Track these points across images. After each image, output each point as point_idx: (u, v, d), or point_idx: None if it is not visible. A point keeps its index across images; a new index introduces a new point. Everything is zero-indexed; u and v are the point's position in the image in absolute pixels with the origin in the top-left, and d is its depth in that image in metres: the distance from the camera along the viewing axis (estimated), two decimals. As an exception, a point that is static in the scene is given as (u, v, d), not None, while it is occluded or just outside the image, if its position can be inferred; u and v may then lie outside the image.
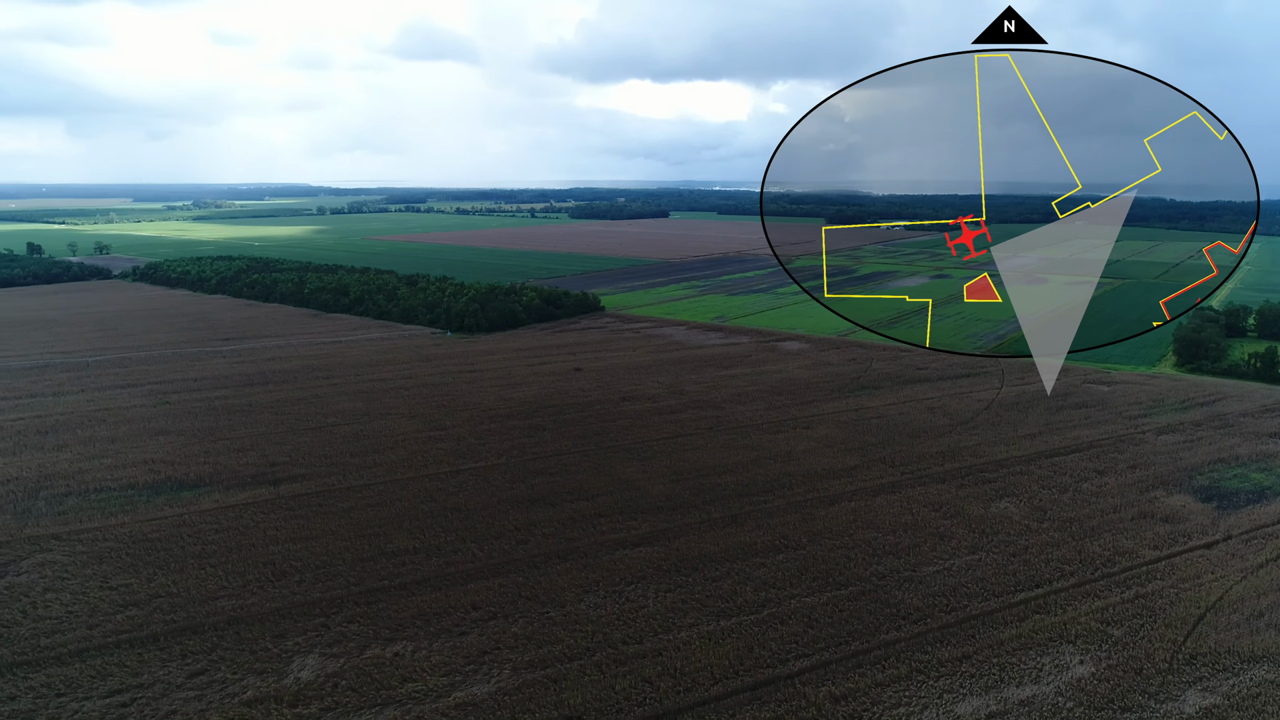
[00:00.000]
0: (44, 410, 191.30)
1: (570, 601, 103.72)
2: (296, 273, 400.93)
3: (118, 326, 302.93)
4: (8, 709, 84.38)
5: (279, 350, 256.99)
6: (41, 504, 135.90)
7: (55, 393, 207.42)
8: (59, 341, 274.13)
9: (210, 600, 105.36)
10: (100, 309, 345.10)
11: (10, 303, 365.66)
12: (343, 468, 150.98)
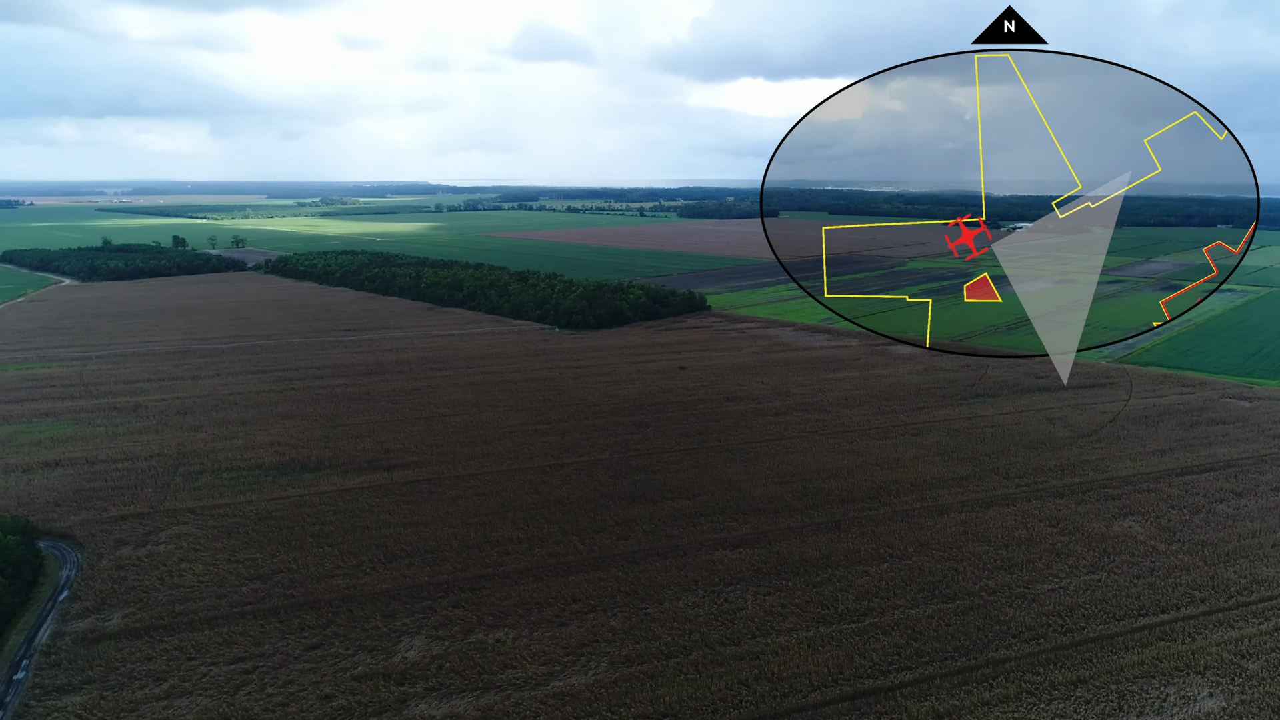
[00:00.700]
0: (184, 392, 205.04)
1: (669, 599, 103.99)
2: (414, 268, 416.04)
3: (250, 316, 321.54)
4: (145, 669, 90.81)
5: (396, 342, 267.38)
6: (179, 480, 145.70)
7: (194, 376, 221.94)
8: (198, 328, 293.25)
9: (327, 578, 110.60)
10: (235, 299, 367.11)
11: (157, 291, 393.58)
12: (452, 457, 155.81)
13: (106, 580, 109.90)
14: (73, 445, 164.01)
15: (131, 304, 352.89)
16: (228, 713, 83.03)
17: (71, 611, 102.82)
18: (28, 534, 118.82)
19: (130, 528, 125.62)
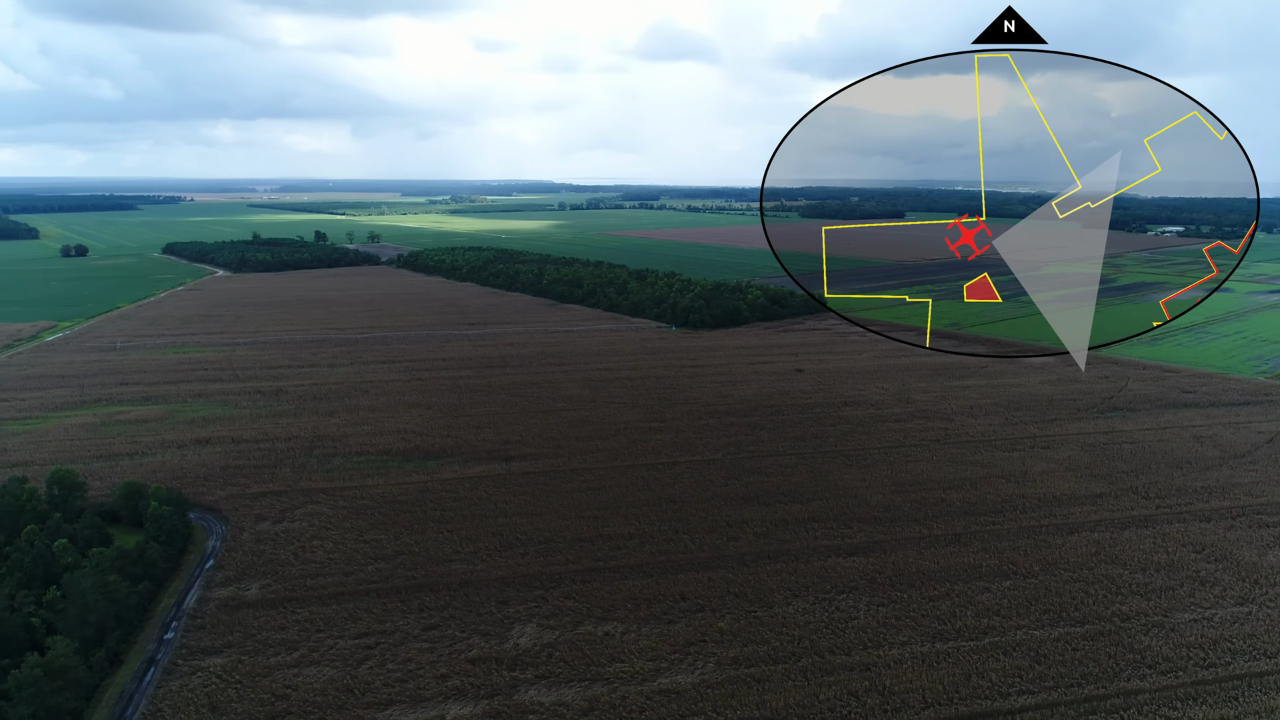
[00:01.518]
0: (320, 379, 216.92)
1: (778, 604, 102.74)
2: (536, 264, 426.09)
3: (382, 308, 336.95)
4: (278, 637, 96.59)
5: (517, 336, 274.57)
6: (314, 461, 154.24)
7: (330, 364, 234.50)
8: (335, 319, 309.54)
9: (445, 562, 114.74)
10: (369, 292, 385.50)
11: (299, 283, 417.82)
12: (568, 451, 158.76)
13: (247, 552, 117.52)
14: (221, 425, 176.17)
15: (276, 294, 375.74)
16: (351, 684, 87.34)
17: (215, 579, 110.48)
18: (180, 505, 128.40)
19: (269, 504, 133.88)
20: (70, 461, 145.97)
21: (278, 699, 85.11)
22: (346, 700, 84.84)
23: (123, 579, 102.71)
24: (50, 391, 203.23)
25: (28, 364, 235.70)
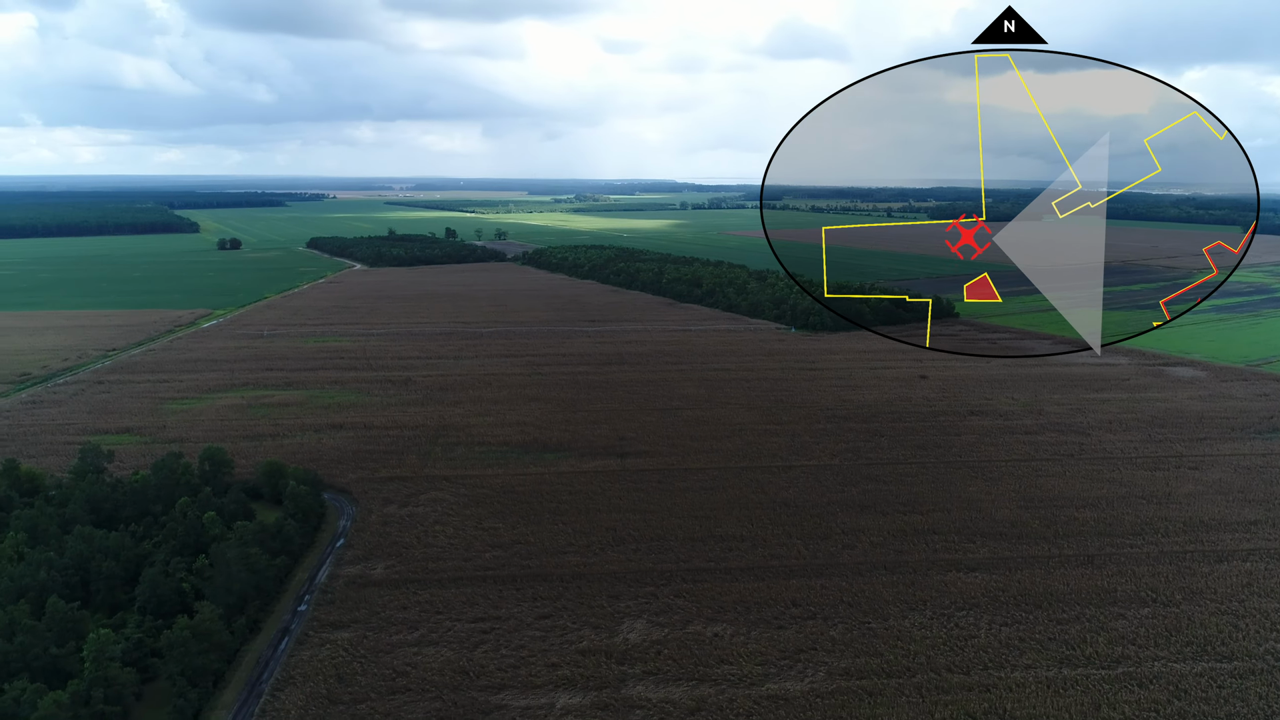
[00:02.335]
0: (447, 370, 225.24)
1: (893, 616, 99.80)
2: (656, 263, 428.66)
3: (507, 303, 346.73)
4: (400, 616, 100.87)
5: (636, 334, 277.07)
6: (438, 449, 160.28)
7: (456, 356, 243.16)
8: (462, 313, 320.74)
9: (559, 554, 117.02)
10: (494, 287, 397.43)
11: (430, 277, 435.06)
12: (683, 450, 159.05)
13: (374, 533, 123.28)
14: (354, 411, 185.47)
15: (408, 288, 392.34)
16: (467, 666, 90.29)
17: (345, 557, 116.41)
18: (315, 485, 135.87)
19: (396, 489, 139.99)
20: (220, 440, 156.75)
21: (398, 675, 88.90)
22: (462, 681, 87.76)
23: (263, 552, 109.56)
24: (205, 375, 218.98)
25: (186, 348, 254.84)
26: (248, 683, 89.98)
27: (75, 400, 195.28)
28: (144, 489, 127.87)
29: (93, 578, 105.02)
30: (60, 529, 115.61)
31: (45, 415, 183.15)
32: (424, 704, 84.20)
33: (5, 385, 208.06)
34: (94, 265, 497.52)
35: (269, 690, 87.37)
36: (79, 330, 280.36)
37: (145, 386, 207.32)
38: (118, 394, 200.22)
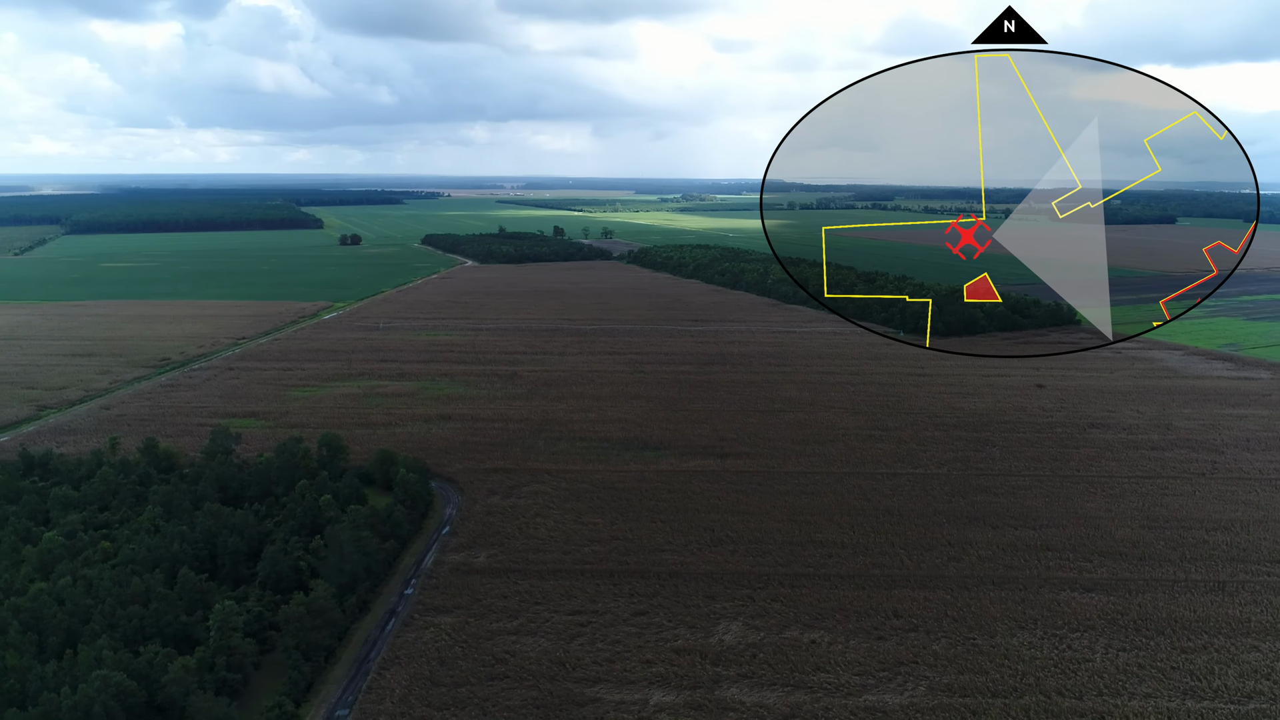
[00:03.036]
0: (551, 366, 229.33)
1: (1001, 633, 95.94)
2: (762, 264, 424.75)
3: (611, 301, 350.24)
4: (501, 604, 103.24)
5: (739, 335, 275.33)
6: (541, 443, 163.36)
7: (560, 352, 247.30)
8: (567, 310, 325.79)
9: (657, 551, 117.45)
10: (600, 285, 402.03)
11: (537, 275, 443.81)
12: (783, 453, 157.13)
13: (478, 523, 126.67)
14: (462, 404, 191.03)
15: (516, 285, 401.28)
16: (563, 658, 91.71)
17: (450, 545, 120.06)
18: (424, 474, 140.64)
19: (500, 480, 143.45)
20: (337, 427, 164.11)
21: (497, 662, 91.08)
22: (558, 672, 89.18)
23: (373, 535, 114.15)
24: (325, 364, 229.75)
25: (308, 339, 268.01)
26: (356, 660, 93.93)
27: (208, 385, 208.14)
28: (267, 471, 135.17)
29: (219, 552, 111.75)
30: (192, 505, 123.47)
31: (181, 398, 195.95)
32: (521, 691, 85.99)
33: (147, 369, 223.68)
34: (228, 258, 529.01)
35: (376, 668, 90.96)
36: (213, 319, 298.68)
37: (271, 374, 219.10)
38: (246, 380, 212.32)
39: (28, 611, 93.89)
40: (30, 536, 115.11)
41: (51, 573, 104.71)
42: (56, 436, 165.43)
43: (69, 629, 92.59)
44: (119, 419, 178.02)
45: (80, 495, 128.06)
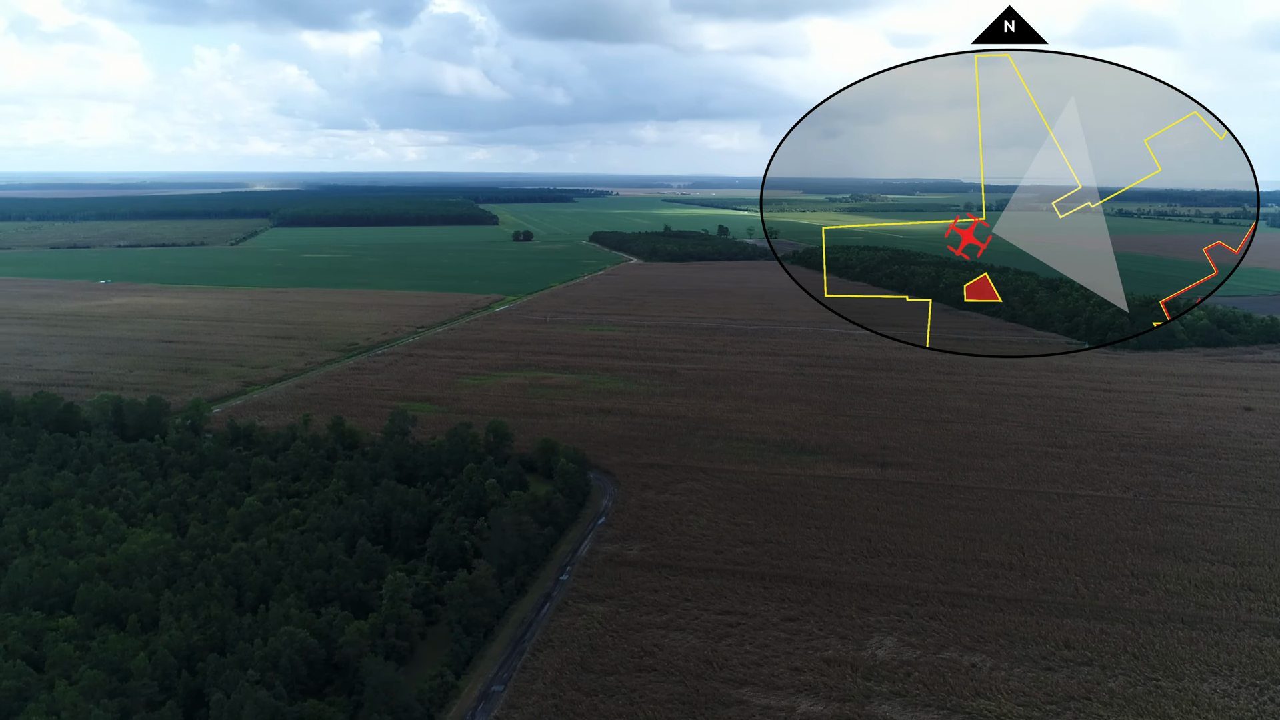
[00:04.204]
0: (711, 365, 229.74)
1: (1189, 677, 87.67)
2: (933, 268, 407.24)
3: (773, 302, 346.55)
4: (651, 598, 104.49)
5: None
6: (697, 441, 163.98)
7: (720, 351, 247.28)
8: (729, 309, 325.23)
9: (810, 558, 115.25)
10: (761, 285, 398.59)
11: (700, 273, 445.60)
12: (949, 465, 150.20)
13: (632, 516, 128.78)
14: (621, 398, 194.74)
15: (679, 283, 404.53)
16: (711, 656, 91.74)
17: (604, 535, 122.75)
18: (582, 465, 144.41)
19: (655, 475, 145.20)
20: (503, 415, 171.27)
21: (645, 654, 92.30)
22: (705, 670, 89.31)
23: (533, 521, 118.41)
24: (494, 354, 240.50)
25: (480, 330, 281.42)
26: (512, 640, 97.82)
27: (389, 369, 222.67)
28: (439, 453, 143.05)
29: (393, 526, 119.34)
30: (371, 481, 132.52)
31: (365, 381, 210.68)
32: (668, 686, 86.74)
33: (337, 353, 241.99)
34: (411, 251, 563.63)
35: (530, 649, 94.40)
36: (396, 308, 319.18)
37: (445, 362, 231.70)
38: (423, 366, 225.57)
39: (229, 567, 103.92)
40: (234, 500, 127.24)
41: (250, 534, 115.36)
42: (259, 410, 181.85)
43: (262, 586, 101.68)
44: (311, 397, 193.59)
45: (276, 465, 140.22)
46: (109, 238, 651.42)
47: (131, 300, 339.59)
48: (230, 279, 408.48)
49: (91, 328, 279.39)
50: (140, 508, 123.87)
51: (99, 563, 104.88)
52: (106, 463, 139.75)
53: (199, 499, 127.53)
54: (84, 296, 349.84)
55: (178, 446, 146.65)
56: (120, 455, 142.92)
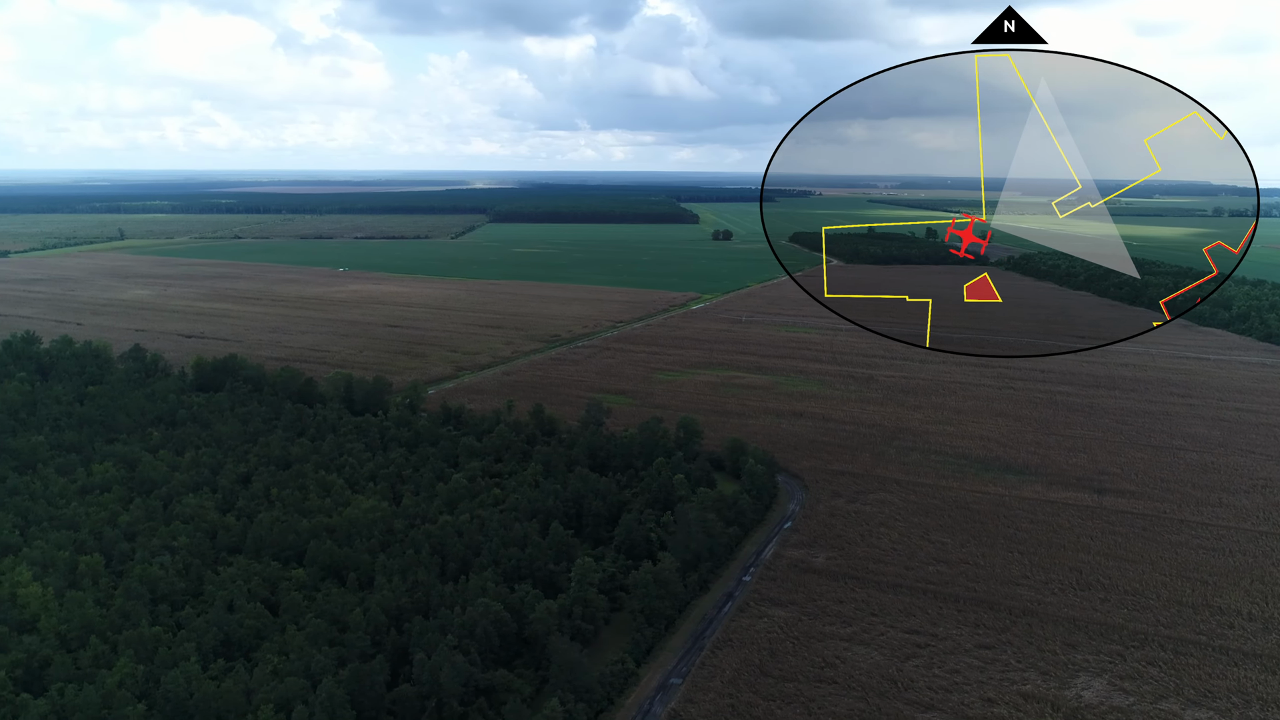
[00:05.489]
0: (910, 373, 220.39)
1: None
2: (1171, 278, 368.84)
3: (981, 309, 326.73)
4: (835, 609, 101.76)
5: (1134, 357, 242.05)
6: (892, 451, 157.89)
7: (922, 359, 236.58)
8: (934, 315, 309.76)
9: (1011, 584, 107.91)
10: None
11: (904, 277, 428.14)
12: (1180, 497, 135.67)
13: (819, 523, 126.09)
14: (814, 402, 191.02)
15: (881, 286, 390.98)
16: (895, 676, 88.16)
17: (790, 540, 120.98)
18: (771, 467, 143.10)
19: (845, 483, 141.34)
20: (694, 411, 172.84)
21: (826, 665, 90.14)
22: (889, 689, 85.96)
23: (718, 519, 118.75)
24: (689, 351, 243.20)
25: (676, 327, 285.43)
26: (692, 635, 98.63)
27: (588, 362, 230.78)
28: (630, 445, 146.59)
29: (584, 512, 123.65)
30: (566, 467, 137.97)
31: (565, 372, 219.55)
32: (849, 701, 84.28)
33: (541, 343, 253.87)
34: (614, 248, 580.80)
35: (710, 646, 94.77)
36: (597, 303, 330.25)
37: (641, 356, 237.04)
38: (619, 360, 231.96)
39: (436, 538, 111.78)
40: (443, 475, 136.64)
41: (455, 508, 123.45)
42: (468, 394, 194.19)
43: (463, 558, 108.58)
44: (516, 384, 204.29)
45: (481, 446, 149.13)
46: (348, 229, 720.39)
47: (364, 287, 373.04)
48: (449, 270, 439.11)
49: (330, 310, 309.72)
50: (363, 476, 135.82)
51: (326, 523, 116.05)
52: (337, 433, 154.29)
53: (413, 472, 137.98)
54: (325, 282, 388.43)
55: (397, 423, 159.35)
56: (348, 427, 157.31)
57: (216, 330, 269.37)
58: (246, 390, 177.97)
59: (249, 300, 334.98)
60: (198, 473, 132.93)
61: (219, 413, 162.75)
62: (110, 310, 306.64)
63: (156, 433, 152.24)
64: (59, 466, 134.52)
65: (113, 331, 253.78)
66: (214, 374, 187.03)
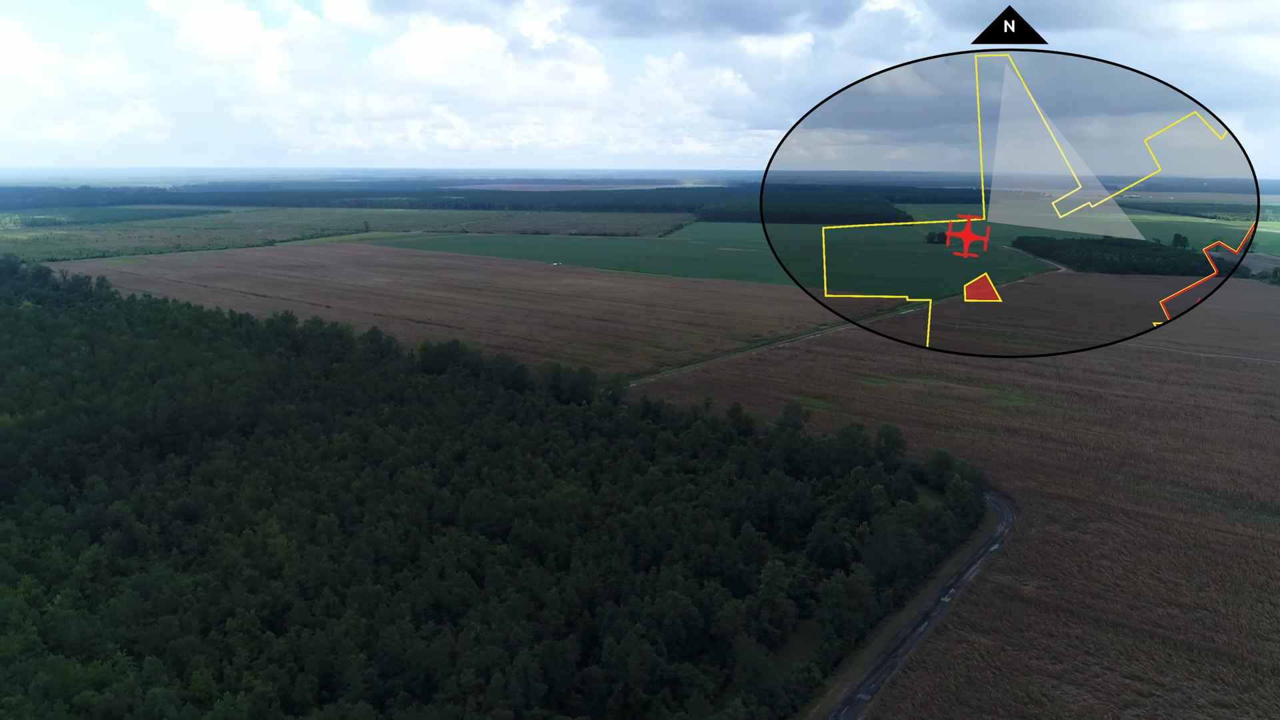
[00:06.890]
0: (1147, 394, 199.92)
1: None
2: None
3: (1239, 327, 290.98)
4: (1045, 643, 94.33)
5: None
6: (1120, 478, 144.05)
7: (1160, 379, 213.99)
8: (1176, 330, 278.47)
9: (1260, 638, 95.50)
10: (1225, 307, 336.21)
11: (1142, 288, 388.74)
12: None
13: (1031, 549, 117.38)
14: (1032, 419, 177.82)
15: (1115, 298, 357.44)
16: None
17: (996, 564, 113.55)
18: (979, 484, 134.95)
19: (1063, 509, 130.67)
20: (897, 420, 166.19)
21: (1030, 702, 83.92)
22: (1102, 737, 78.72)
23: (918, 535, 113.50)
24: (894, 358, 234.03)
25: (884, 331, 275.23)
26: (884, 651, 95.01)
27: (788, 363, 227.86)
28: (828, 450, 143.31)
29: (777, 515, 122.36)
30: (760, 468, 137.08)
31: (765, 372, 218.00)
32: (1054, 743, 77.99)
33: (742, 342, 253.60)
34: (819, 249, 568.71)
35: (902, 666, 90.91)
36: (801, 304, 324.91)
37: (843, 361, 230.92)
38: (821, 364, 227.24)
39: (630, 527, 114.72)
40: (639, 467, 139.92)
41: (650, 500, 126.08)
42: (667, 389, 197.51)
43: (655, 549, 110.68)
44: (714, 382, 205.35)
45: (678, 441, 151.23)
46: (563, 226, 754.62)
47: (575, 282, 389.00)
48: (656, 267, 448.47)
49: (543, 303, 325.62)
50: (565, 462, 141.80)
51: (530, 504, 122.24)
52: (544, 419, 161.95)
53: (611, 462, 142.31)
54: (540, 276, 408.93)
55: (599, 413, 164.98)
56: (554, 415, 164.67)
57: (442, 317, 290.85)
58: (465, 374, 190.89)
59: (471, 290, 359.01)
60: (419, 447, 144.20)
61: (440, 393, 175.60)
62: (354, 295, 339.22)
63: (386, 408, 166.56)
64: (306, 433, 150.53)
65: (355, 315, 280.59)
66: (437, 358, 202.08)
